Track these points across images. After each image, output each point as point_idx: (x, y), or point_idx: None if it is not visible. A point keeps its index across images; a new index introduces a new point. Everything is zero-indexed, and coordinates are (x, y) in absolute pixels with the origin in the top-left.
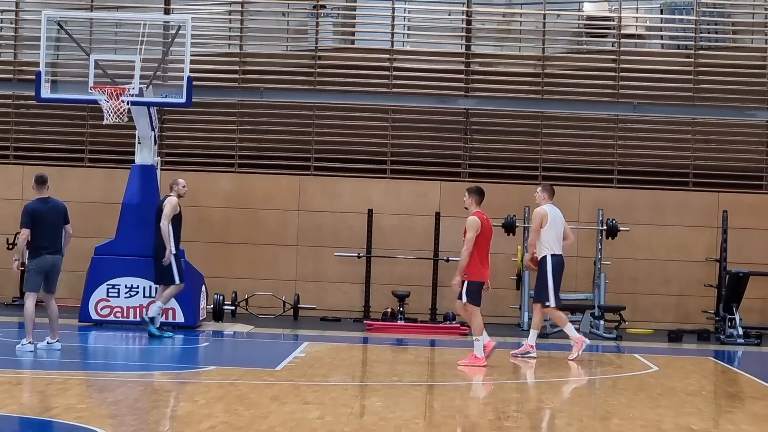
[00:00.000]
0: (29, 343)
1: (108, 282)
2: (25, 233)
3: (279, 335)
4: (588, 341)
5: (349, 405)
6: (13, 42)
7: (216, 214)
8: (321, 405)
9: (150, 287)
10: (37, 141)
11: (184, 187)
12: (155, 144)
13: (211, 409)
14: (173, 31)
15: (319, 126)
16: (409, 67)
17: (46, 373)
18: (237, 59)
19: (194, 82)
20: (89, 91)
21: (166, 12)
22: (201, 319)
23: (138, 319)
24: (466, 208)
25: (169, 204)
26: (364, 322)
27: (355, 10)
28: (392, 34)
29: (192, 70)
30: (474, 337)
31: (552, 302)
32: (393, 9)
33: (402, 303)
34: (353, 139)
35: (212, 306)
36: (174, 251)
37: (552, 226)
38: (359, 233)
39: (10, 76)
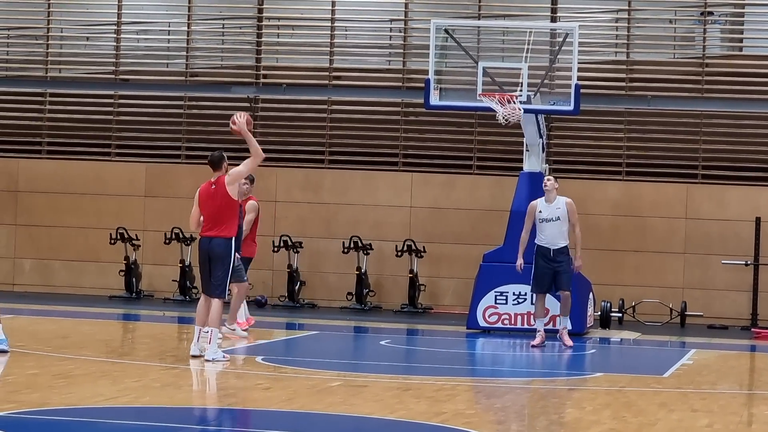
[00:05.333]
0: None
1: (496, 289)
2: None
3: (666, 342)
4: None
5: (738, 413)
6: (402, 50)
7: (604, 221)
8: (709, 413)
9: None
10: (424, 148)
11: None
12: (543, 151)
13: (599, 416)
14: (560, 39)
15: (707, 134)
16: None
17: (435, 379)
18: (624, 67)
19: (581, 90)
20: (478, 98)
21: (553, 20)
22: (588, 326)
23: (526, 326)
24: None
25: None
26: (752, 330)
27: (743, 16)
28: None
29: (579, 78)
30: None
31: None
32: None
33: None
34: (741, 147)
35: (599, 313)
36: None
37: None
38: (747, 241)
39: (399, 84)
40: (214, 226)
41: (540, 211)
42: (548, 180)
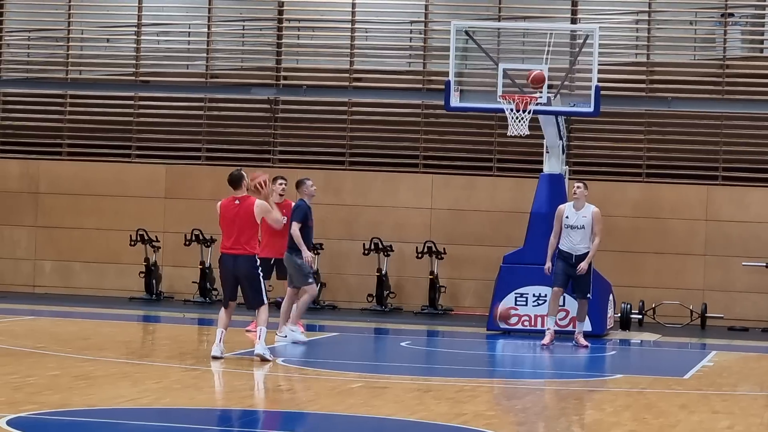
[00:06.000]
0: None
1: (516, 291)
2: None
3: (686, 344)
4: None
5: (758, 415)
6: (422, 52)
7: (624, 223)
8: (730, 415)
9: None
10: (445, 150)
11: None
12: (563, 153)
13: (619, 417)
14: (580, 41)
15: (727, 136)
16: None
17: (455, 380)
18: (644, 68)
19: (602, 92)
20: (498, 100)
21: (573, 21)
22: (608, 327)
23: (544, 327)
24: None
25: None
26: None
27: (764, 17)
28: None
29: (599, 80)
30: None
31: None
32: None
33: None
34: (762, 148)
35: (619, 315)
36: None
37: None
38: None
39: (420, 85)
40: (236, 243)
41: (567, 217)
42: (578, 187)
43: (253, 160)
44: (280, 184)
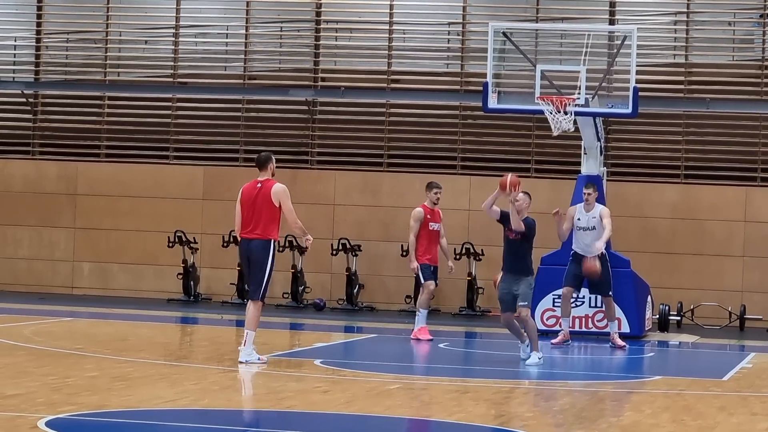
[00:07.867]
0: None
1: (554, 292)
2: None
3: (725, 346)
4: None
5: None
6: (460, 54)
7: (662, 224)
8: None
9: (596, 297)
10: (483, 152)
11: None
12: (601, 154)
13: (658, 419)
14: (618, 42)
15: (766, 137)
16: None
17: (493, 382)
18: (682, 69)
19: (640, 93)
20: (535, 101)
21: (611, 23)
22: (646, 329)
23: (584, 329)
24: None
25: None
26: None
27: None
28: None
29: (637, 81)
30: None
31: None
32: None
33: None
34: None
35: (658, 316)
36: None
37: None
38: None
39: (458, 87)
40: (254, 227)
41: (578, 219)
42: (589, 194)
43: (291, 161)
44: (435, 192)
